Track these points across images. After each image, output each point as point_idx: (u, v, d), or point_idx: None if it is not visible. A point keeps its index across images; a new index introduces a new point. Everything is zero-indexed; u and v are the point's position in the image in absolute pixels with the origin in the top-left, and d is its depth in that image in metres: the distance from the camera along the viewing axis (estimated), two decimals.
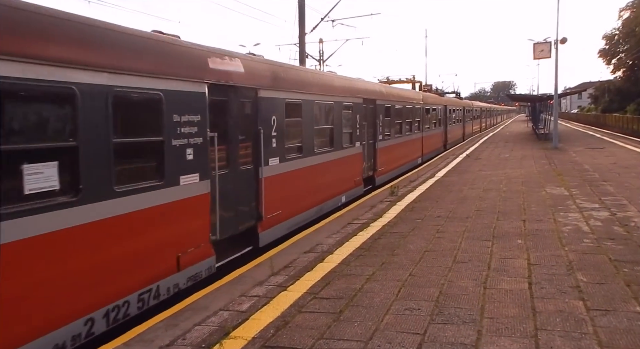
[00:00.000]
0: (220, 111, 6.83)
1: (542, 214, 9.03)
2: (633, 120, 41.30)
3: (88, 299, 4.59)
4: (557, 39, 24.11)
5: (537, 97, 40.03)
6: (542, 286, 5.40)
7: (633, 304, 4.81)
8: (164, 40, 5.97)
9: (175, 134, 5.79)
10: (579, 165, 16.48)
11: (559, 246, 6.90)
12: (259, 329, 4.60)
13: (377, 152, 14.33)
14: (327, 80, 11.26)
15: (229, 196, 6.90)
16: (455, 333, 4.32)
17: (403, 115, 17.45)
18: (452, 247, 7.09)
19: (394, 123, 16.26)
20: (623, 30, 56.27)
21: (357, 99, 12.56)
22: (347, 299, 5.23)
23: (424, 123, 21.32)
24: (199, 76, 6.25)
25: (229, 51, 7.33)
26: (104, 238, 4.80)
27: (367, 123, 13.38)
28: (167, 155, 5.67)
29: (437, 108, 24.47)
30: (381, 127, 14.67)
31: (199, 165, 6.18)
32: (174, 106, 5.76)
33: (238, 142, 7.25)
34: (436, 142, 24.41)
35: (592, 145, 24.33)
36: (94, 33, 4.90)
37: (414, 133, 19.29)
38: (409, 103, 18.56)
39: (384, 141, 14.96)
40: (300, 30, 20.25)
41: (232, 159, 7.07)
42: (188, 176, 6.00)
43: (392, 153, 15.97)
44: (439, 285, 5.57)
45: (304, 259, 6.85)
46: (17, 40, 4.05)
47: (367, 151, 13.47)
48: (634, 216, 8.52)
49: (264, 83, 7.88)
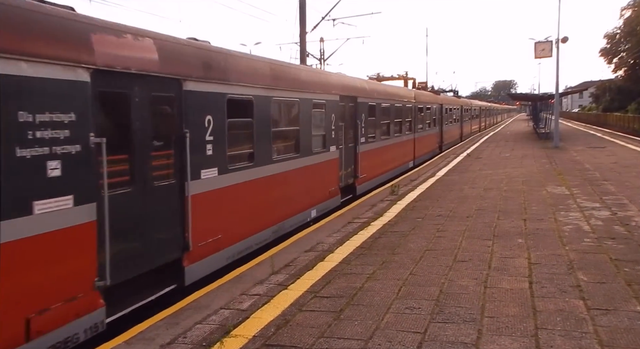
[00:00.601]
0: (118, 108, 5.15)
1: (543, 213, 9.03)
2: (634, 119, 41.29)
3: None
4: (558, 38, 24.11)
5: (538, 96, 40.01)
6: (543, 285, 5.40)
7: (634, 303, 4.81)
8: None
9: (21, 140, 3.98)
10: (579, 164, 16.47)
11: (559, 246, 6.90)
12: (259, 327, 4.60)
13: (359, 157, 12.57)
14: (290, 72, 9.25)
15: (131, 224, 5.16)
16: (455, 332, 4.33)
17: (391, 115, 15.68)
18: (452, 246, 7.09)
19: (380, 124, 14.48)
20: (624, 29, 56.19)
21: (332, 96, 10.82)
22: (347, 298, 5.24)
23: (417, 123, 19.58)
24: (72, 58, 4.45)
25: (134, 28, 5.49)
26: None
27: (345, 124, 11.71)
28: (4, 172, 3.87)
29: (431, 107, 22.83)
30: (363, 128, 12.86)
31: (73, 183, 4.41)
32: (20, 99, 3.99)
33: (150, 150, 5.46)
34: (430, 144, 22.87)
35: (593, 145, 24.31)
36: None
37: (404, 134, 17.64)
38: (398, 102, 16.76)
39: (366, 144, 13.18)
40: (301, 29, 20.24)
41: (138, 173, 5.30)
42: (49, 200, 4.20)
43: (377, 157, 14.20)
44: (440, 284, 5.57)
45: (304, 258, 6.85)
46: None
47: (345, 156, 11.76)
48: (634, 216, 8.52)
49: (192, 73, 6.14)
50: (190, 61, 6.22)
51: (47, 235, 4.20)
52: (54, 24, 4.42)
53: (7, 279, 3.89)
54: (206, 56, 6.61)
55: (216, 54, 6.90)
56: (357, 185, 12.53)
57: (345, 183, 11.79)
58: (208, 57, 6.64)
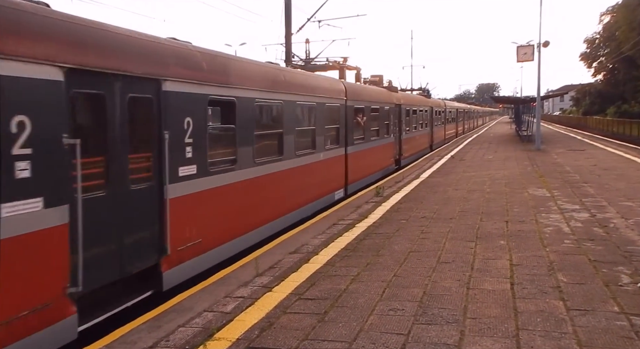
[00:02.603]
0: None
1: (525, 215, 9.16)
2: (613, 123, 42.20)
3: None
4: (539, 42, 24.50)
5: (520, 99, 40.61)
6: (524, 286, 5.48)
7: (611, 304, 4.91)
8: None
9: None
10: (560, 166, 16.75)
11: (540, 247, 7.01)
12: (243, 330, 4.59)
13: None
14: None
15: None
16: (438, 333, 4.37)
17: (293, 121, 9.66)
18: (436, 248, 7.15)
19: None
20: (604, 34, 57.45)
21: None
22: (332, 300, 5.25)
23: (351, 131, 13.23)
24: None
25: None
26: None
27: None
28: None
29: (385, 108, 16.89)
30: None
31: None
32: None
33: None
34: (380, 159, 16.53)
35: (573, 147, 24.75)
36: None
37: (319, 151, 10.88)
38: (309, 100, 10.47)
39: None
40: (287, 31, 20.23)
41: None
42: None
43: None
44: (423, 285, 5.62)
45: (289, 260, 6.85)
46: None
47: None
48: (613, 218, 8.69)
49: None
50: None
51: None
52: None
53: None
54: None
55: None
56: None
57: None
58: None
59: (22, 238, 4.09)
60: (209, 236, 6.75)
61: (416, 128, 22.76)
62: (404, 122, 19.75)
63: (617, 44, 51.07)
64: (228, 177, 7.26)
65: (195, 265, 6.45)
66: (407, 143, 20.42)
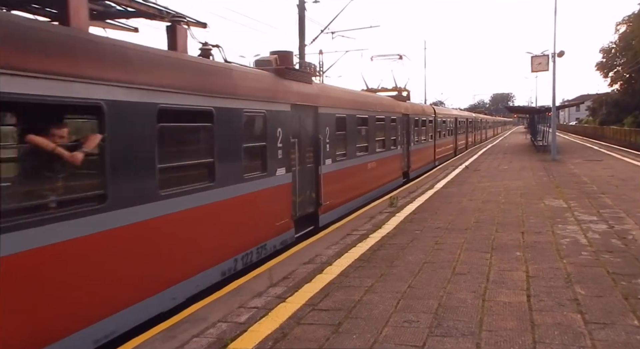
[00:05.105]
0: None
1: (541, 226, 9.05)
2: (630, 133, 41.52)
3: None
4: (554, 52, 24.35)
5: (535, 109, 40.29)
6: (541, 298, 5.40)
7: (631, 317, 4.82)
8: None
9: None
10: (577, 177, 16.54)
11: (557, 259, 6.91)
12: (257, 341, 4.59)
13: None
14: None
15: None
16: (454, 346, 4.32)
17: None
18: (451, 259, 7.09)
19: None
20: (620, 44, 56.83)
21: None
22: (345, 311, 5.23)
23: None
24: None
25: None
26: None
27: None
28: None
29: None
30: None
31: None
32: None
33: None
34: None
35: (590, 157, 24.43)
36: None
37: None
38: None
39: None
40: (300, 42, 20.45)
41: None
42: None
43: None
44: (438, 297, 5.57)
45: (302, 270, 6.84)
46: None
47: None
48: (631, 229, 8.54)
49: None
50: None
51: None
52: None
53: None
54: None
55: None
56: None
57: None
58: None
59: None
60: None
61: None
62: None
63: (634, 54, 50.47)
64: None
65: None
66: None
